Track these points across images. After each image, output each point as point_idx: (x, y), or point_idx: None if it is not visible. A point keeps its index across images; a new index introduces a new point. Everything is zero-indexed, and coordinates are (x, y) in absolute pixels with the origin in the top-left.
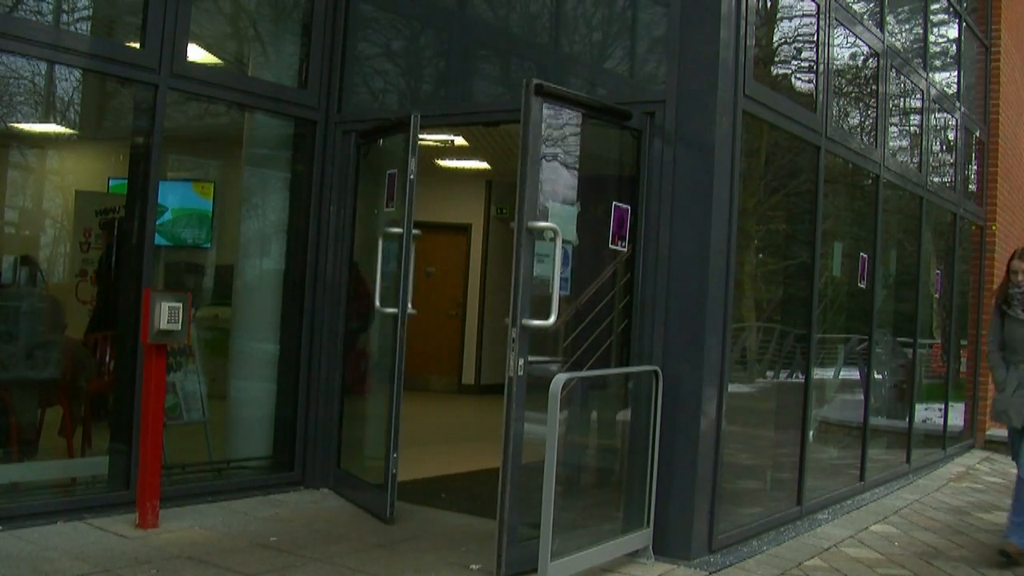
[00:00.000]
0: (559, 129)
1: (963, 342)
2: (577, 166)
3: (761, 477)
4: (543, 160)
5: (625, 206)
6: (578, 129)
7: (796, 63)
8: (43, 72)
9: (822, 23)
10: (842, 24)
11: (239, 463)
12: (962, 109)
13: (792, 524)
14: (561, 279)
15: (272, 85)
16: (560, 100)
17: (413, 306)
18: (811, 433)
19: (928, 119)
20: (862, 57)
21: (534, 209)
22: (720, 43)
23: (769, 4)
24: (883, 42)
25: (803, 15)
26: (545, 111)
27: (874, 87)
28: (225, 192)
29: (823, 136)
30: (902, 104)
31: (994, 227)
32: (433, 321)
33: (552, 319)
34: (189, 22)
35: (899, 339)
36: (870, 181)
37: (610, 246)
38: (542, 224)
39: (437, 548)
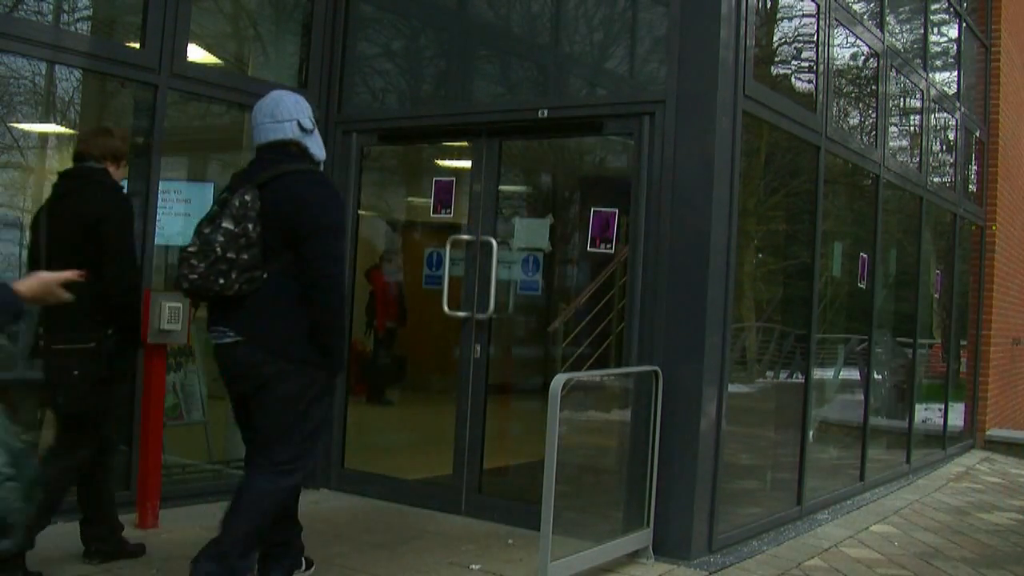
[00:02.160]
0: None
1: (963, 342)
2: (567, 173)
3: (761, 477)
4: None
5: (625, 207)
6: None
7: (796, 63)
8: (43, 72)
9: (822, 23)
10: (842, 24)
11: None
12: (962, 109)
13: (792, 524)
14: (531, 282)
15: (272, 85)
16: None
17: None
18: (811, 433)
19: (928, 119)
20: (862, 57)
21: (491, 226)
22: (720, 43)
23: (769, 4)
24: (883, 42)
25: (803, 15)
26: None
27: (874, 87)
28: None
29: (823, 136)
30: (902, 104)
31: (994, 227)
32: (435, 321)
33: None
34: (189, 22)
35: (899, 339)
36: (870, 181)
37: (612, 247)
38: (484, 238)
39: (437, 548)
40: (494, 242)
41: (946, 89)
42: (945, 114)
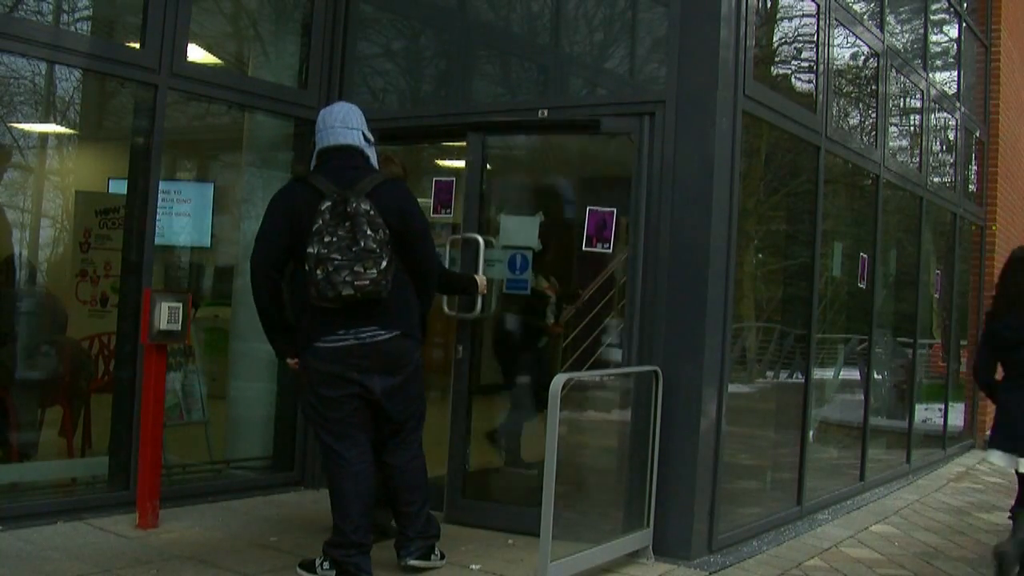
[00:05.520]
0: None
1: (963, 342)
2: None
3: (761, 477)
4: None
5: (623, 206)
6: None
7: (796, 63)
8: (43, 72)
9: (822, 23)
10: (842, 24)
11: (239, 463)
12: (962, 109)
13: (792, 524)
14: (518, 281)
15: (272, 85)
16: None
17: None
18: (811, 433)
19: (928, 119)
20: (862, 57)
21: (473, 223)
22: (720, 43)
23: (769, 4)
24: (883, 42)
25: (803, 15)
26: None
27: (874, 87)
28: (225, 192)
29: (823, 136)
30: (902, 104)
31: (994, 227)
32: (435, 321)
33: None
34: (189, 22)
35: (899, 339)
36: (870, 181)
37: (611, 246)
38: (469, 235)
39: None
40: (480, 240)
41: (946, 89)
42: (945, 114)
